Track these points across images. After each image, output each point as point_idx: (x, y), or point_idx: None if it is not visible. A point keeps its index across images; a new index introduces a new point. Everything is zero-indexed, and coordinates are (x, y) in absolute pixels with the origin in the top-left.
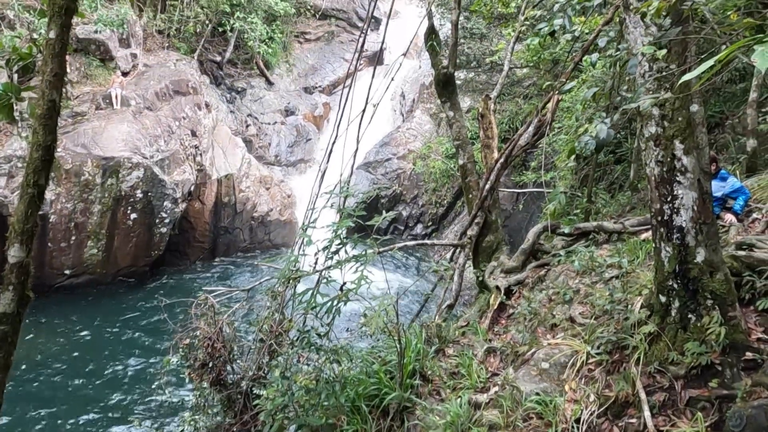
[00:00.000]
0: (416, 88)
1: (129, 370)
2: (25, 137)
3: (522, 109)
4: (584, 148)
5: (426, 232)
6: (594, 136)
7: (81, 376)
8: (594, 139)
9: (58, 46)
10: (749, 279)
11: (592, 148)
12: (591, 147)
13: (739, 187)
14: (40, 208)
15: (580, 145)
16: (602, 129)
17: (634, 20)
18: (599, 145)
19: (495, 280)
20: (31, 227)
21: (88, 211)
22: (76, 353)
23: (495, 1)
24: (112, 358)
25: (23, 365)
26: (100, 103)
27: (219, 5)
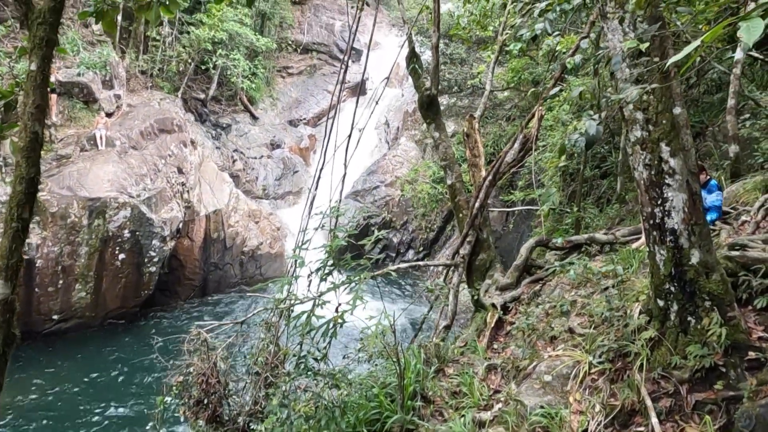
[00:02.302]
0: (400, 116)
1: (122, 413)
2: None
3: (505, 131)
4: (574, 146)
5: (417, 257)
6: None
7: (72, 422)
8: (583, 135)
9: (39, 78)
10: (745, 278)
11: (582, 145)
12: (581, 144)
13: (718, 205)
14: (24, 242)
15: (570, 142)
16: (591, 125)
17: (612, 27)
18: (589, 141)
19: (490, 297)
20: (15, 262)
21: (76, 254)
22: (66, 399)
23: (473, 25)
24: (104, 401)
25: (10, 413)
26: (85, 145)
27: (201, 44)
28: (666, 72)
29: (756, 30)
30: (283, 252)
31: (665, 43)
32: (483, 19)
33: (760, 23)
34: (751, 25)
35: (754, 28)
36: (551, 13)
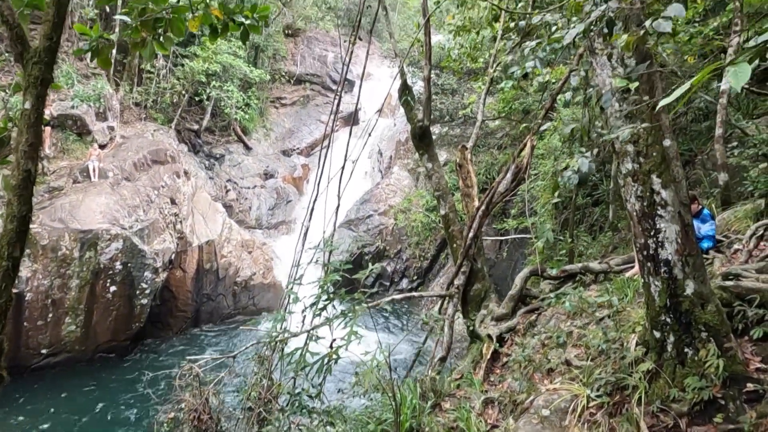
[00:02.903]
0: (392, 145)
1: None
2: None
3: (497, 160)
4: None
5: (412, 286)
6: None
7: None
8: (576, 173)
9: (33, 117)
10: (740, 308)
11: (575, 182)
12: (574, 181)
13: (712, 234)
14: (14, 281)
15: (563, 180)
16: (584, 163)
17: (600, 62)
18: (582, 179)
19: (486, 328)
20: (4, 302)
21: (66, 287)
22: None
23: (464, 57)
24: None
25: None
26: (78, 177)
27: (195, 76)
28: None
29: (743, 75)
30: (276, 282)
31: (653, 79)
32: (473, 51)
33: (747, 69)
34: (738, 71)
35: (741, 74)
36: (541, 51)
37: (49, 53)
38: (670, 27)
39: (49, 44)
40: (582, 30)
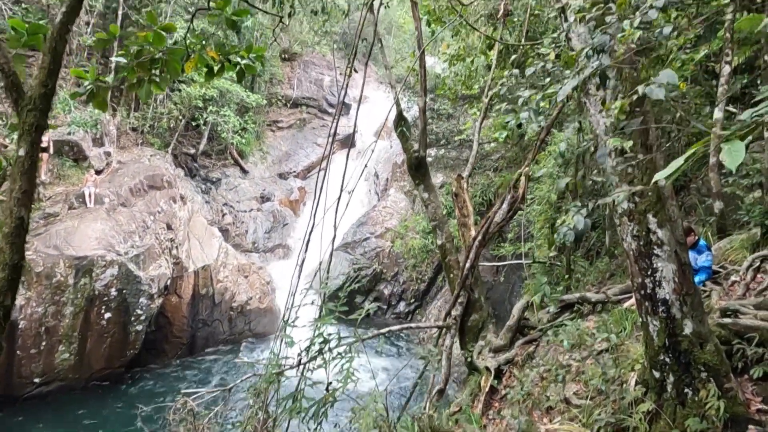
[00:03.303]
0: (389, 168)
1: None
2: None
3: (493, 182)
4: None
5: (409, 309)
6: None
7: None
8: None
9: (27, 163)
10: (739, 347)
11: (572, 239)
12: (570, 238)
13: (708, 266)
14: (5, 329)
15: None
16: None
17: (594, 104)
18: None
19: (484, 360)
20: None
21: (60, 314)
22: None
23: (458, 84)
24: None
25: None
26: (73, 203)
27: (192, 101)
28: (649, 145)
29: (738, 155)
30: (272, 307)
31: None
32: (468, 80)
33: (741, 147)
34: (732, 149)
35: (736, 153)
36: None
37: (45, 100)
38: (663, 94)
39: (44, 91)
40: (576, 84)
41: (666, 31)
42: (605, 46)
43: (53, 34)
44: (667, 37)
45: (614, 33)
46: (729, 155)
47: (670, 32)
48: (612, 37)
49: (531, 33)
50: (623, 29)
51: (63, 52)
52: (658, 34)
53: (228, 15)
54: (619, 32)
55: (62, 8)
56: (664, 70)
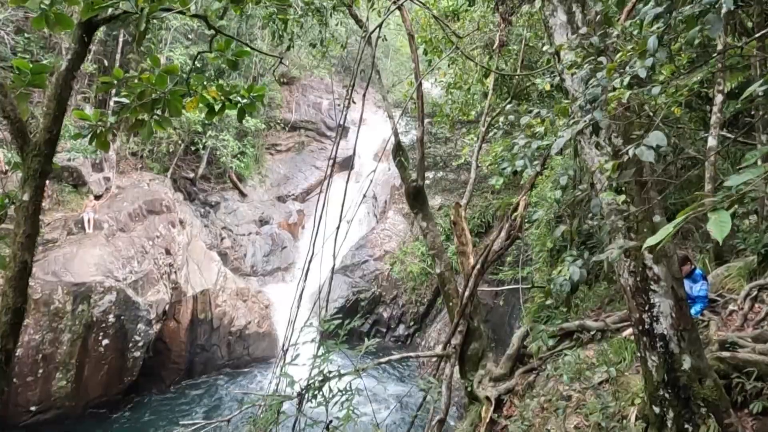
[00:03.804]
0: (387, 190)
1: None
2: None
3: (491, 204)
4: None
5: (408, 332)
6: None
7: None
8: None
9: (31, 209)
10: (738, 381)
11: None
12: (566, 289)
13: (704, 295)
14: (6, 373)
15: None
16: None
17: (587, 143)
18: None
19: (484, 389)
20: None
21: (58, 341)
22: None
23: (456, 111)
24: None
25: None
26: (72, 229)
27: (191, 125)
28: (643, 182)
29: (725, 226)
30: (271, 331)
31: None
32: (465, 107)
33: (728, 218)
34: (719, 220)
35: (723, 224)
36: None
37: (49, 146)
38: (653, 157)
39: (49, 137)
40: (569, 138)
41: (655, 91)
42: (597, 99)
43: (58, 81)
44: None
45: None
46: (716, 226)
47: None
48: (604, 89)
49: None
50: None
51: (68, 98)
52: (647, 91)
53: (229, 57)
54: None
55: (67, 55)
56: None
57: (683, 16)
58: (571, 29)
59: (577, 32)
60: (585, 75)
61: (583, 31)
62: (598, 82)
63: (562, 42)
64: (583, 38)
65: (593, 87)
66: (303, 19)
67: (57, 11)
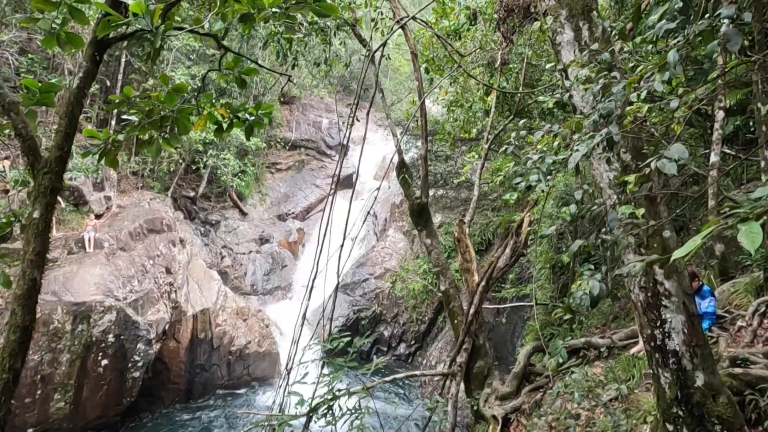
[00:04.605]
0: (387, 208)
1: None
2: None
3: (492, 222)
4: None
5: (410, 351)
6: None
7: None
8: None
9: (41, 226)
10: (752, 398)
11: (587, 304)
12: (586, 303)
13: (712, 312)
14: (13, 394)
15: (575, 302)
16: (595, 286)
17: (597, 158)
18: (593, 300)
19: (490, 408)
20: (4, 415)
21: (56, 362)
22: None
23: (457, 129)
24: None
25: None
26: (72, 248)
27: (192, 145)
28: (652, 198)
29: (757, 237)
30: (272, 350)
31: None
32: (466, 125)
33: (758, 228)
34: (750, 231)
35: (754, 236)
36: (544, 166)
37: (60, 163)
38: (675, 169)
39: (60, 154)
40: (585, 152)
41: (673, 104)
42: (612, 114)
43: (70, 98)
44: (674, 110)
45: (620, 100)
46: (747, 237)
47: (678, 106)
48: (618, 104)
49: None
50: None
51: (79, 116)
52: (665, 105)
53: (237, 75)
54: (623, 102)
55: (79, 74)
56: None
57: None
58: (578, 46)
59: (587, 48)
60: (597, 91)
61: (594, 47)
62: (614, 97)
63: (570, 59)
64: (594, 54)
65: (608, 102)
66: (307, 39)
67: (67, 30)
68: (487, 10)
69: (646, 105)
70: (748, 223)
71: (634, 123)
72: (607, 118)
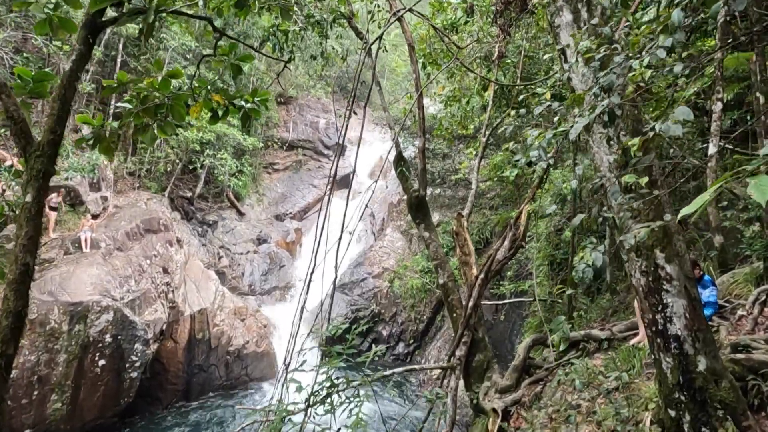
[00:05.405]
0: (385, 207)
1: None
2: None
3: (489, 220)
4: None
5: (408, 350)
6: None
7: None
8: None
9: (34, 210)
10: (754, 383)
11: (590, 276)
12: (589, 275)
13: (713, 301)
14: (7, 381)
15: (578, 274)
16: (597, 257)
17: (597, 142)
18: (596, 272)
19: (490, 401)
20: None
21: (53, 362)
22: None
23: (455, 125)
24: None
25: None
26: (69, 248)
27: (189, 145)
28: (653, 180)
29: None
30: (270, 351)
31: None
32: (464, 120)
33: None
34: (760, 184)
35: (763, 188)
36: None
37: (52, 147)
38: (680, 131)
39: (52, 138)
40: (587, 123)
41: (677, 69)
42: (613, 86)
43: (62, 81)
44: (677, 75)
45: (621, 72)
46: (757, 189)
47: (682, 70)
48: (619, 76)
49: (525, 74)
50: (631, 68)
51: (72, 99)
52: (667, 72)
53: (233, 61)
54: (625, 71)
55: (72, 56)
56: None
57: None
58: (576, 28)
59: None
60: (597, 65)
61: (594, 22)
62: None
63: (569, 41)
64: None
65: (608, 74)
66: (303, 32)
67: (60, 15)
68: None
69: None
70: (757, 177)
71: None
72: (608, 92)
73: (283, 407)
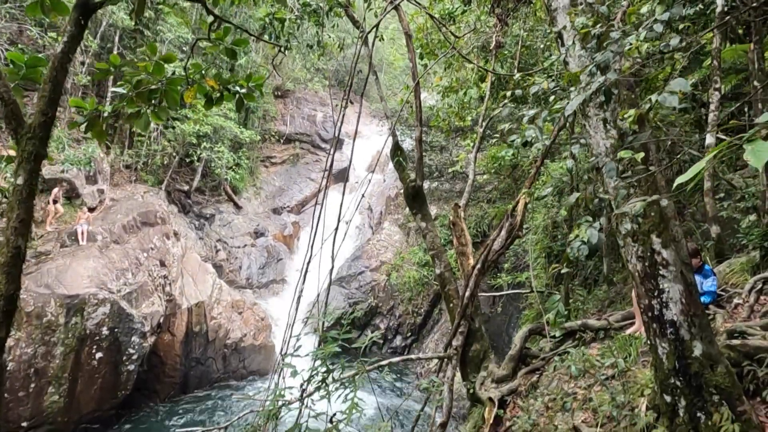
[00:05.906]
0: (382, 201)
1: None
2: None
3: (487, 213)
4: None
5: (405, 343)
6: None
7: None
8: (586, 244)
9: (25, 192)
10: (750, 368)
11: (586, 253)
12: (584, 252)
13: (713, 290)
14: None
15: (573, 251)
16: (593, 234)
17: (593, 124)
18: (592, 250)
19: (487, 391)
20: None
21: (50, 355)
22: None
23: (452, 116)
24: None
25: None
26: (65, 241)
27: (186, 138)
28: (649, 163)
29: (763, 153)
30: (267, 344)
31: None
32: (461, 111)
33: (765, 146)
34: (757, 149)
35: (760, 153)
36: (541, 120)
37: (44, 129)
38: (676, 101)
39: (44, 120)
40: (583, 99)
41: (674, 42)
42: (609, 63)
43: (54, 63)
44: (675, 48)
45: (617, 50)
46: (753, 155)
47: (678, 42)
48: (615, 54)
49: (522, 64)
50: (629, 44)
51: (63, 81)
52: (664, 46)
53: (227, 45)
54: (621, 49)
55: (63, 37)
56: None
57: None
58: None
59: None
60: (594, 45)
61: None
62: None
63: (565, 23)
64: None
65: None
66: (299, 21)
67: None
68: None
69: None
70: (754, 143)
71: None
72: (604, 70)
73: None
